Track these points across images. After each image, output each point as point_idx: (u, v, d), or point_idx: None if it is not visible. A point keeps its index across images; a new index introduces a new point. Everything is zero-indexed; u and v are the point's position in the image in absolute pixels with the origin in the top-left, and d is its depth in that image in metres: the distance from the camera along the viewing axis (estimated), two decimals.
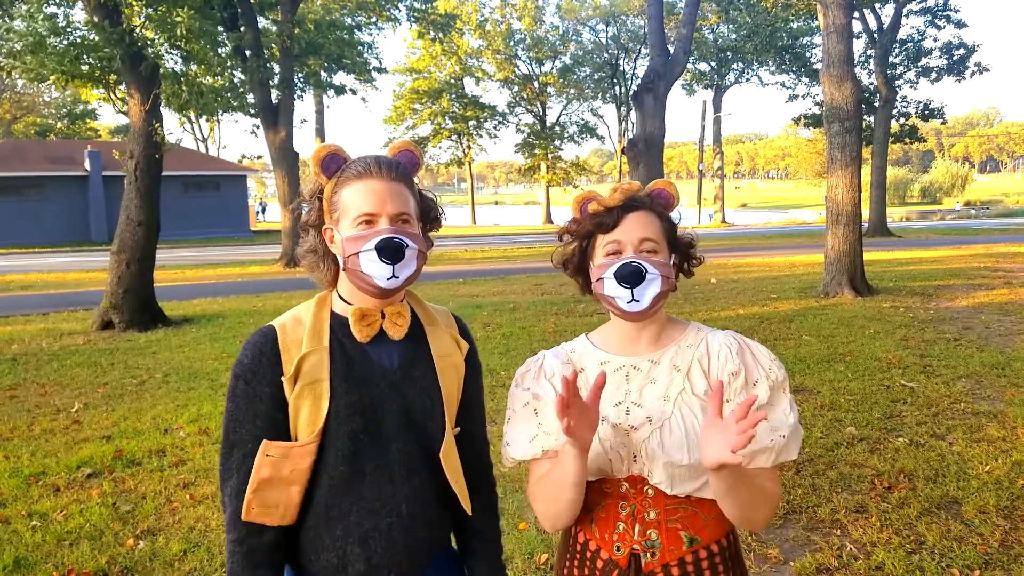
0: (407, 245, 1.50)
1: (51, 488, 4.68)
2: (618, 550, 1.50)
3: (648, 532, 1.48)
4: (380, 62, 28.47)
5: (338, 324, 1.57)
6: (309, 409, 1.50)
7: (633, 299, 1.48)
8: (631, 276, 1.47)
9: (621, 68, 46.54)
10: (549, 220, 49.71)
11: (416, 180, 1.62)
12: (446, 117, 48.19)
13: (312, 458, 1.51)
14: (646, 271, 1.47)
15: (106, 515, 4.23)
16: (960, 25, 28.09)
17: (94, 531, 4.04)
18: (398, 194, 1.52)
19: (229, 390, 1.53)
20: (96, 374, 7.82)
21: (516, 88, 49.58)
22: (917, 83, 29.08)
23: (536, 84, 48.99)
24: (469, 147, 50.27)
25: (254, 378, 1.51)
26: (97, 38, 9.80)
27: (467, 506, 1.64)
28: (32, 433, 5.84)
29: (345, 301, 1.59)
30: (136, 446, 5.39)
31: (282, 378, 1.50)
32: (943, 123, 32.66)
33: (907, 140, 30.50)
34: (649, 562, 1.46)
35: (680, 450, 1.44)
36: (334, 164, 1.54)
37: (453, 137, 49.53)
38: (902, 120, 29.43)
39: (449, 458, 1.60)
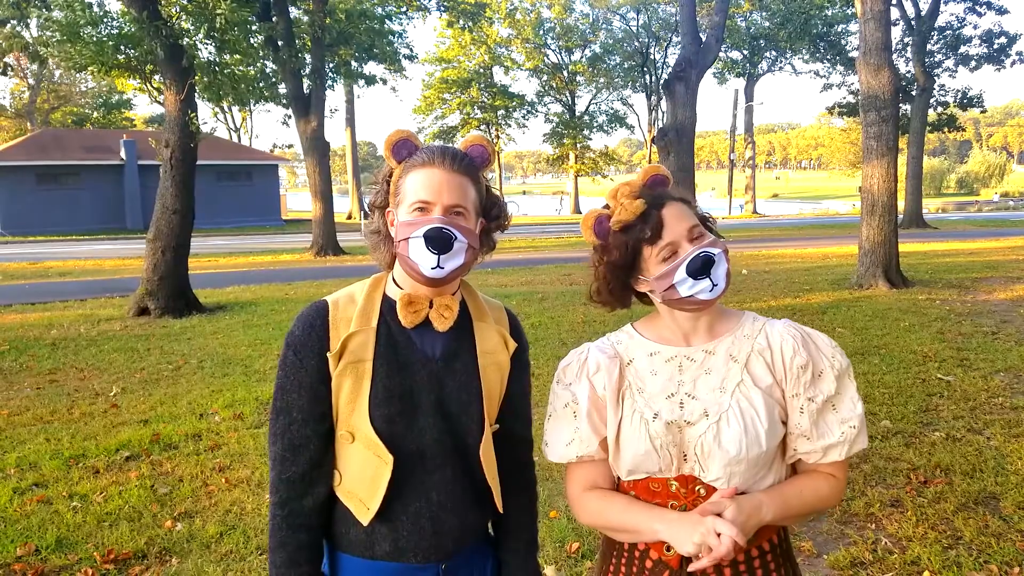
0: (455, 237, 1.48)
1: (91, 470, 4.78)
2: (668, 551, 1.46)
3: None
4: (411, 50, 28.48)
5: (388, 307, 1.58)
6: (350, 388, 1.53)
7: (714, 284, 1.45)
8: (705, 266, 1.44)
9: (652, 56, 46.07)
10: (577, 210, 49.48)
11: (485, 178, 1.61)
12: (475, 107, 48.13)
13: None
14: (714, 256, 1.45)
15: (144, 497, 4.32)
16: (1001, 12, 27.41)
17: (133, 512, 4.13)
18: (458, 186, 1.51)
19: (280, 358, 1.57)
20: (133, 359, 7.97)
21: (545, 77, 49.32)
22: (956, 71, 28.46)
23: (565, 73, 48.70)
24: (498, 137, 50.15)
25: (303, 349, 1.54)
26: (134, 29, 9.94)
27: (499, 504, 1.63)
28: (72, 416, 5.97)
29: (397, 285, 1.59)
30: (173, 430, 5.50)
31: (328, 353, 1.52)
32: (982, 112, 31.92)
33: (945, 129, 29.88)
34: None
35: (738, 444, 1.41)
36: (405, 150, 1.55)
37: (482, 127, 49.42)
38: (940, 109, 28.81)
39: (486, 454, 1.60)
